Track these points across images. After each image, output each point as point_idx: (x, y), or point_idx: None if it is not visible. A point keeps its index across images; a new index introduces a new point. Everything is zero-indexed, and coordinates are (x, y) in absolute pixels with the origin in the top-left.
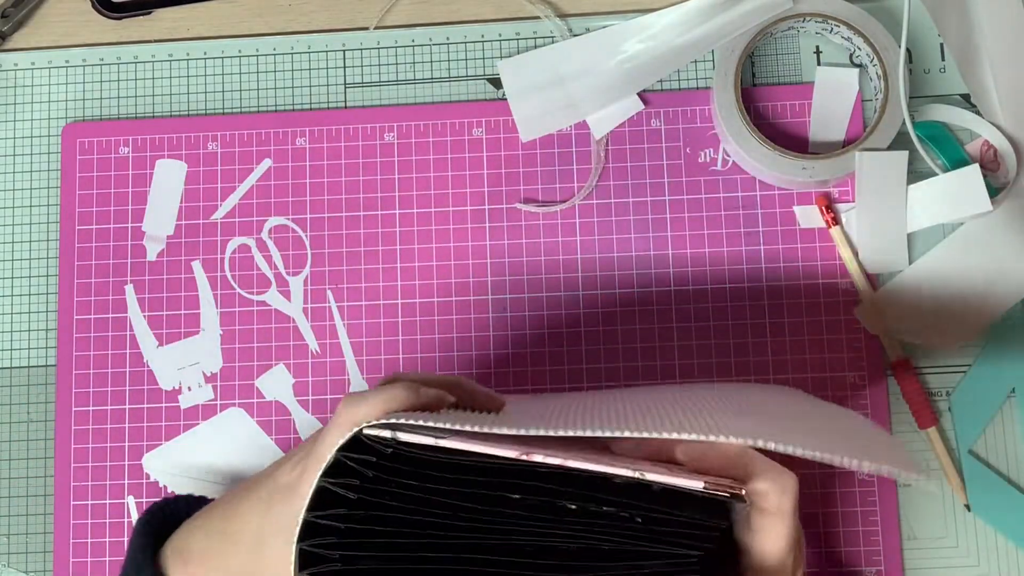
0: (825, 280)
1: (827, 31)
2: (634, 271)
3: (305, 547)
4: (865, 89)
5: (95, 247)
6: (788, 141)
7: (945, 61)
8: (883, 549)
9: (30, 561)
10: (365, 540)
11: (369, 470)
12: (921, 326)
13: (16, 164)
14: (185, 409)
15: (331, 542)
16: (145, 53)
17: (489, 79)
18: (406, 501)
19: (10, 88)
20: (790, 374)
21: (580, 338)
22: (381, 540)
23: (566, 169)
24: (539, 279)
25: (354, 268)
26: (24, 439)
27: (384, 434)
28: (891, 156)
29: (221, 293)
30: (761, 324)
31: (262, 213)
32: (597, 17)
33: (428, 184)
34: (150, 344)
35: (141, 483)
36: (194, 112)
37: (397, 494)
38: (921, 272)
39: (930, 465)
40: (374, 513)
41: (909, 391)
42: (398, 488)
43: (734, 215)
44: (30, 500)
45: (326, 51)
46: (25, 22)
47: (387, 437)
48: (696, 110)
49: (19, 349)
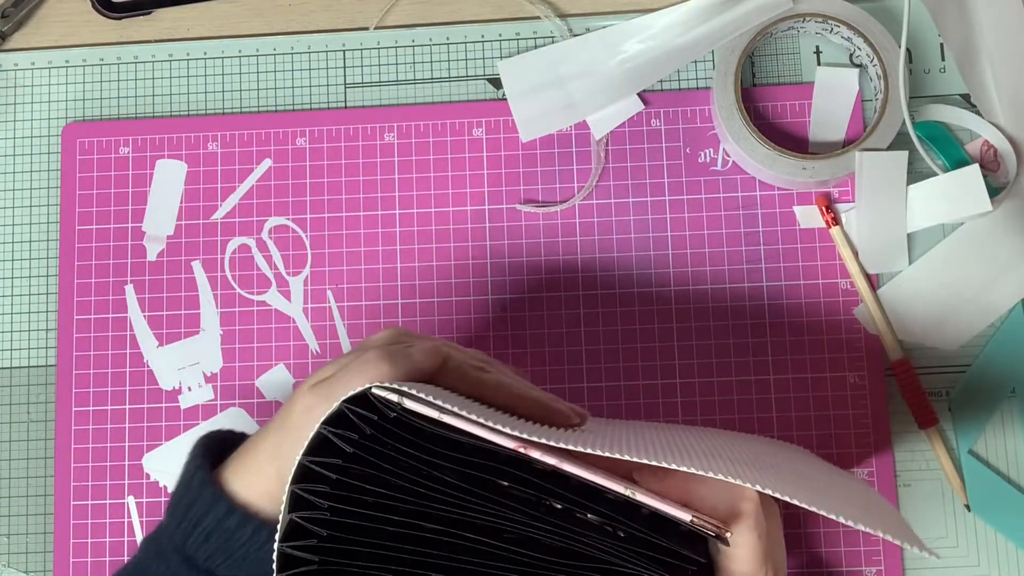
0: (825, 280)
1: (827, 31)
2: (634, 271)
3: (298, 490)
4: (865, 89)
5: (95, 247)
6: (788, 141)
7: (945, 61)
8: (883, 549)
9: (30, 561)
10: (355, 495)
11: (368, 427)
12: (921, 326)
13: (16, 164)
14: (185, 409)
15: (322, 491)
16: (145, 53)
17: (489, 79)
18: (398, 466)
19: (10, 88)
20: (790, 374)
21: (580, 338)
22: (370, 499)
23: (566, 169)
24: (539, 279)
25: (354, 268)
26: (24, 439)
27: (392, 397)
28: (891, 156)
29: (221, 293)
30: (761, 324)
31: (262, 213)
32: (597, 17)
33: (428, 184)
34: (150, 344)
35: (141, 483)
36: (194, 112)
37: (391, 456)
38: (921, 272)
39: (930, 465)
40: (367, 471)
41: (909, 391)
42: (393, 452)
43: (734, 215)
44: (30, 500)
45: (326, 51)
46: (25, 22)
47: (394, 401)
48: (696, 110)
49: (19, 349)
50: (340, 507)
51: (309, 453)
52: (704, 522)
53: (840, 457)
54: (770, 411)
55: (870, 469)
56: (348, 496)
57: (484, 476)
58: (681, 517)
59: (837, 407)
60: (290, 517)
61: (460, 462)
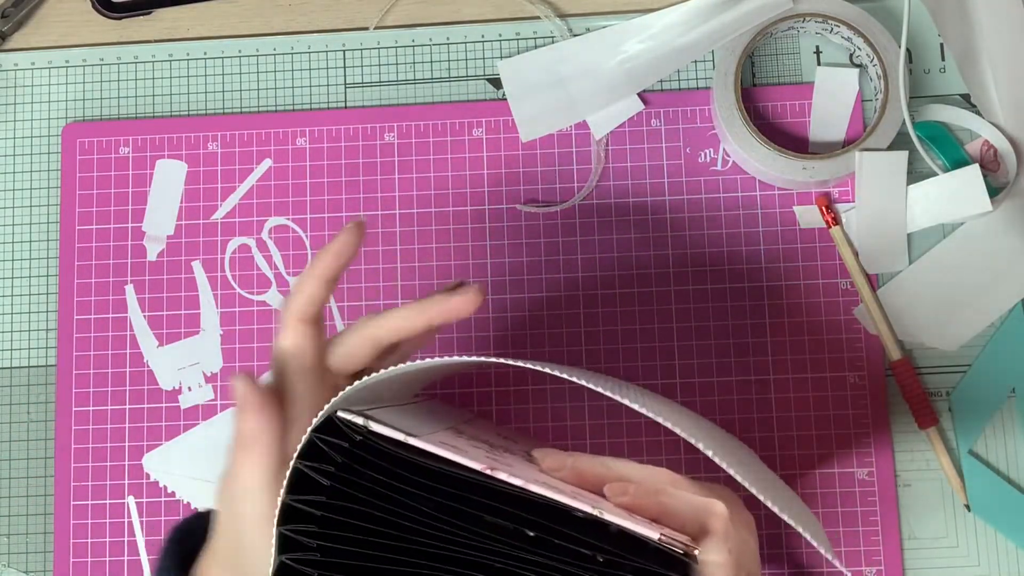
0: (825, 280)
1: (827, 31)
2: (634, 271)
3: (285, 531)
4: (865, 89)
5: (95, 247)
6: (788, 141)
7: (945, 61)
8: (883, 549)
9: (30, 561)
10: (340, 533)
11: (339, 455)
12: (921, 326)
13: (16, 164)
14: (185, 409)
15: (311, 530)
16: (145, 53)
17: (489, 79)
18: (378, 497)
19: (10, 88)
20: (790, 374)
21: (580, 338)
22: (358, 536)
23: (566, 169)
24: (539, 279)
25: (354, 268)
26: (24, 439)
27: (357, 420)
28: (891, 156)
29: (221, 293)
30: (761, 324)
31: (262, 213)
32: (597, 17)
33: (428, 184)
34: (150, 344)
35: (141, 483)
36: (194, 112)
37: (368, 488)
38: (921, 272)
39: (930, 465)
40: (348, 505)
41: (909, 391)
42: (369, 482)
43: (734, 215)
44: (30, 500)
45: (326, 51)
46: (25, 22)
47: (359, 424)
48: (696, 110)
49: (19, 349)
50: (328, 546)
51: (290, 491)
52: (673, 539)
53: (840, 457)
54: (770, 411)
55: (870, 469)
56: (335, 535)
57: (467, 510)
58: (649, 535)
59: (837, 407)
60: (280, 559)
61: (436, 492)
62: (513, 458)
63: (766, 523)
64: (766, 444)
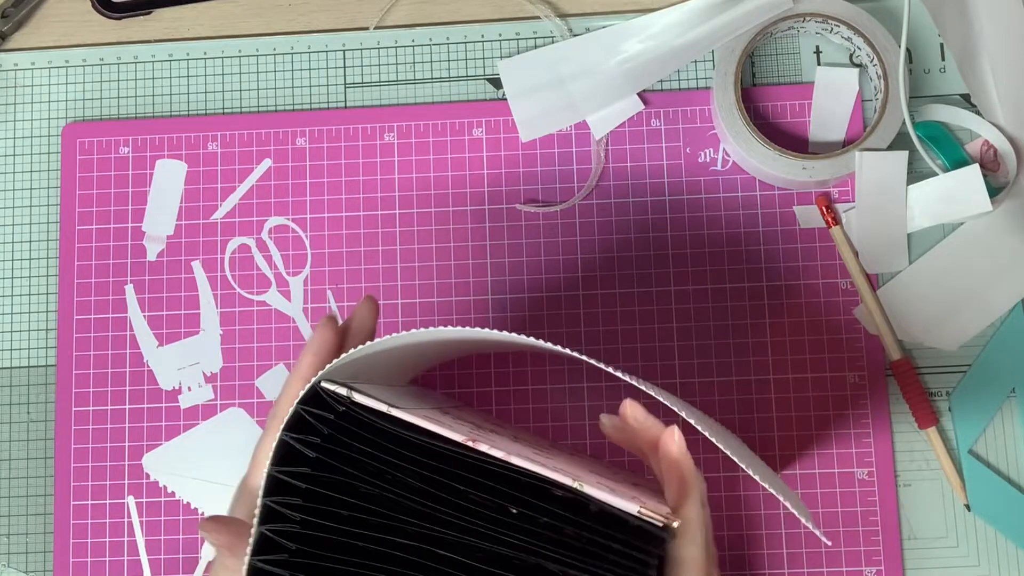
0: (825, 280)
1: (827, 31)
2: (634, 271)
3: (270, 502)
4: (865, 89)
5: (95, 247)
6: (788, 141)
7: (945, 61)
8: (883, 549)
9: (30, 561)
10: (325, 507)
11: (325, 427)
12: (921, 326)
13: (16, 164)
14: (185, 409)
15: (295, 503)
16: (145, 53)
17: (489, 79)
18: (361, 470)
19: (10, 88)
20: (790, 374)
21: (580, 338)
22: (341, 511)
23: (566, 169)
24: (539, 279)
25: (354, 268)
26: (24, 439)
27: (341, 391)
28: (891, 156)
29: (221, 293)
30: (761, 324)
31: (262, 213)
32: (597, 17)
33: (428, 184)
34: (150, 344)
35: (141, 483)
36: (194, 112)
37: (353, 459)
38: (921, 272)
39: (930, 465)
40: (333, 477)
41: (909, 391)
42: (356, 454)
43: (734, 215)
44: (30, 500)
45: (326, 51)
46: (25, 22)
47: (343, 394)
48: (696, 110)
49: (19, 349)
50: (312, 520)
51: (275, 463)
52: (652, 512)
53: (840, 457)
54: (770, 411)
55: (870, 469)
56: (320, 508)
57: (442, 480)
58: (628, 508)
59: (837, 407)
60: (261, 530)
61: (414, 462)
62: (498, 438)
63: (765, 503)
64: (766, 444)
